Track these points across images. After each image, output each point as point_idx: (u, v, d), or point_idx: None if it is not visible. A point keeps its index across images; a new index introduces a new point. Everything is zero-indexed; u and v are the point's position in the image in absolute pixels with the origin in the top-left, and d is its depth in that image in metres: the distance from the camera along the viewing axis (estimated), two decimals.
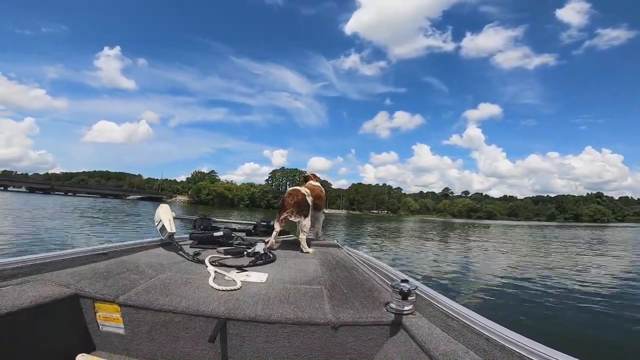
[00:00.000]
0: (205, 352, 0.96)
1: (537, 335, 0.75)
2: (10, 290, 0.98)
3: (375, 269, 1.51)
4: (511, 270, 7.30)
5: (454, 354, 0.74)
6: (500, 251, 11.44)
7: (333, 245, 2.28)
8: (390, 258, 8.52)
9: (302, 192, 2.05)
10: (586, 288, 5.60)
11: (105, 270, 1.27)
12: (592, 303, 4.60)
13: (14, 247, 6.38)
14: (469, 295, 4.92)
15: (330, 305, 1.05)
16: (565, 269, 7.80)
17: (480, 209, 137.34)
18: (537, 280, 6.03)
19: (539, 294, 5.03)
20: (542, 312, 4.16)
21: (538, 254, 11.00)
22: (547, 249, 12.96)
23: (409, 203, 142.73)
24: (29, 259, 1.17)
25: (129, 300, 1.01)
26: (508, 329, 0.77)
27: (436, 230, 25.46)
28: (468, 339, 0.79)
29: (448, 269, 7.20)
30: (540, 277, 6.43)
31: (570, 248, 13.65)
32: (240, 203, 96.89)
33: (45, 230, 9.19)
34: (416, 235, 17.61)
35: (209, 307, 0.98)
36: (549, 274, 6.80)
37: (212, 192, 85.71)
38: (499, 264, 8.14)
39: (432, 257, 9.12)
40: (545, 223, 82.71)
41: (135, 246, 1.73)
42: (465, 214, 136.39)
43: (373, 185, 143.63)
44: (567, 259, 9.83)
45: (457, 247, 12.51)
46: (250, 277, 1.29)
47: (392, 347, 0.92)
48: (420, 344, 0.83)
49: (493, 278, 6.25)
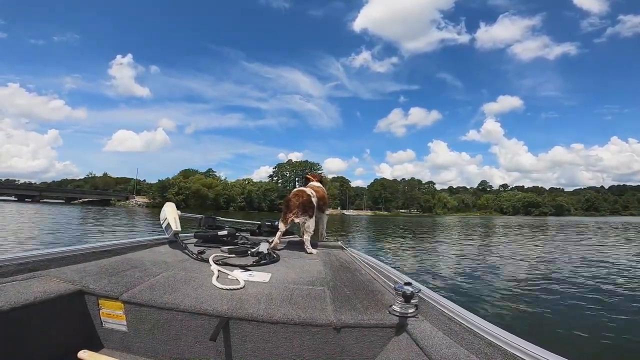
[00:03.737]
0: (207, 351, 0.96)
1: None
2: (16, 285, 0.99)
3: (379, 271, 1.48)
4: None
5: (455, 358, 0.73)
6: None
7: (337, 247, 2.24)
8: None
9: (307, 193, 2.03)
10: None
11: (110, 267, 1.27)
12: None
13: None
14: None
15: (333, 306, 1.03)
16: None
17: (542, 203, 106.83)
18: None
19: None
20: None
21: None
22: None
23: (445, 199, 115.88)
24: (34, 255, 1.18)
25: (133, 297, 1.01)
26: (512, 334, 0.75)
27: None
28: (470, 343, 0.78)
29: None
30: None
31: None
32: (230, 205, 71.58)
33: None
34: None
35: (212, 306, 0.97)
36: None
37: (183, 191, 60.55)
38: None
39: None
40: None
41: (140, 244, 1.76)
42: (522, 209, 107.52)
43: (399, 180, 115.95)
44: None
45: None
46: (253, 276, 1.28)
47: (393, 349, 0.91)
48: (422, 347, 0.82)
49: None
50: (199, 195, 60.36)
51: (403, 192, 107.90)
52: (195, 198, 59.23)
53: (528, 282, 5.32)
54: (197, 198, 59.54)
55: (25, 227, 11.83)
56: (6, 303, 0.86)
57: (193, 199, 58.76)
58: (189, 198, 59.14)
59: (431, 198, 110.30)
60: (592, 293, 4.61)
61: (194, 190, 60.37)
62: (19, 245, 7.13)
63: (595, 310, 3.83)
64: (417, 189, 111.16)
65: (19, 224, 12.86)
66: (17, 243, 7.47)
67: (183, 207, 61.34)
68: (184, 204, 58.96)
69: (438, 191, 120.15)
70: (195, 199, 59.05)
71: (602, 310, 3.82)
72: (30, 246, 7.15)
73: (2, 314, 0.84)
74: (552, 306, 3.95)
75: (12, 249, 6.72)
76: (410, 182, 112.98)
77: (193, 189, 60.64)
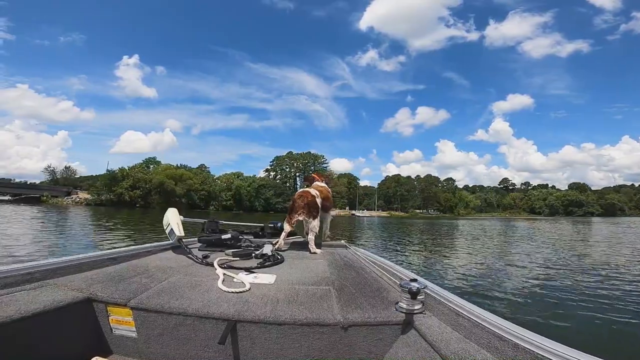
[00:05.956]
0: (216, 354, 0.96)
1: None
2: (25, 295, 1.01)
3: (384, 268, 1.49)
4: None
5: (465, 353, 0.73)
6: None
7: (340, 246, 2.27)
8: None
9: (311, 194, 2.07)
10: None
11: (117, 274, 1.29)
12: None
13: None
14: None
15: (339, 305, 1.04)
16: None
17: (586, 201, 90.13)
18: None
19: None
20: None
21: None
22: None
23: (467, 198, 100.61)
24: (41, 264, 1.20)
25: (141, 303, 1.03)
26: (521, 327, 0.76)
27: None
28: (479, 338, 0.78)
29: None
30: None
31: None
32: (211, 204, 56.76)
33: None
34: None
35: (219, 310, 0.98)
36: None
37: (141, 184, 45.38)
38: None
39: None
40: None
41: (144, 250, 1.76)
42: (563, 209, 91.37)
43: (413, 178, 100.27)
44: None
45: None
46: (258, 278, 1.29)
47: (402, 346, 0.92)
48: (430, 343, 0.82)
49: None
50: (165, 190, 45.17)
51: (421, 189, 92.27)
52: (160, 194, 44.37)
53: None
54: (162, 194, 44.55)
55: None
56: (17, 312, 0.87)
57: (157, 195, 44.07)
58: (149, 194, 44.65)
59: (452, 196, 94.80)
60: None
61: (157, 184, 45.13)
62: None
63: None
64: (436, 186, 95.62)
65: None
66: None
67: (141, 207, 47.42)
68: (142, 202, 44.23)
69: (459, 189, 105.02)
70: (159, 195, 44.20)
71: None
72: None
73: (14, 323, 0.85)
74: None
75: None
76: (427, 179, 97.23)
77: (155, 182, 45.25)
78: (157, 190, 45.29)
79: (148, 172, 49.10)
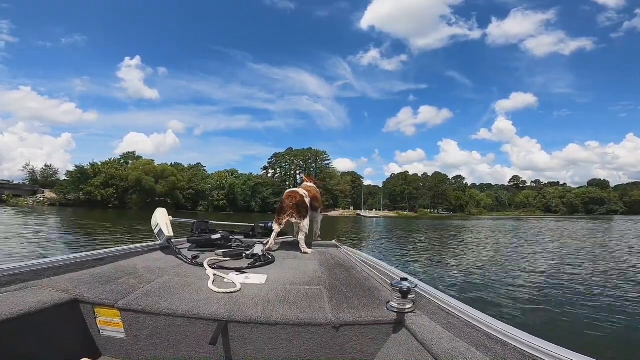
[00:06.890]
0: (207, 355, 0.96)
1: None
2: (10, 296, 0.99)
3: (375, 268, 1.50)
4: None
5: (456, 351, 0.73)
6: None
7: (332, 245, 2.25)
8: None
9: (300, 194, 2.08)
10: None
11: (104, 275, 1.28)
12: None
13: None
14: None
15: (331, 305, 1.05)
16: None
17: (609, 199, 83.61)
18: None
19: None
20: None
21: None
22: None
23: (479, 196, 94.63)
24: (26, 265, 1.18)
25: (129, 304, 1.02)
26: (509, 325, 0.77)
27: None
28: (469, 336, 0.79)
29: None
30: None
31: None
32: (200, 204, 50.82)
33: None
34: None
35: (210, 310, 0.98)
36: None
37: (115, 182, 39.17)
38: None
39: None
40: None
41: (133, 250, 1.74)
42: (582, 208, 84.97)
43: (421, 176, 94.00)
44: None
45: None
46: (249, 278, 1.29)
47: (393, 345, 0.92)
48: (421, 342, 0.83)
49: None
50: (143, 188, 39.34)
51: (429, 187, 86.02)
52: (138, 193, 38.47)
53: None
54: (141, 193, 38.63)
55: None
56: (1, 314, 0.85)
57: (135, 194, 38.18)
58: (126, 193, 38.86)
59: (462, 194, 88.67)
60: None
61: (134, 182, 39.25)
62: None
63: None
64: (445, 184, 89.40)
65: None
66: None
67: (114, 207, 41.18)
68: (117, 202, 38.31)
69: (469, 187, 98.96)
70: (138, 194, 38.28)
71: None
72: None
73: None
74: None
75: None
76: (436, 177, 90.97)
77: (131, 178, 39.25)
78: (134, 188, 39.32)
79: (125, 168, 42.97)
